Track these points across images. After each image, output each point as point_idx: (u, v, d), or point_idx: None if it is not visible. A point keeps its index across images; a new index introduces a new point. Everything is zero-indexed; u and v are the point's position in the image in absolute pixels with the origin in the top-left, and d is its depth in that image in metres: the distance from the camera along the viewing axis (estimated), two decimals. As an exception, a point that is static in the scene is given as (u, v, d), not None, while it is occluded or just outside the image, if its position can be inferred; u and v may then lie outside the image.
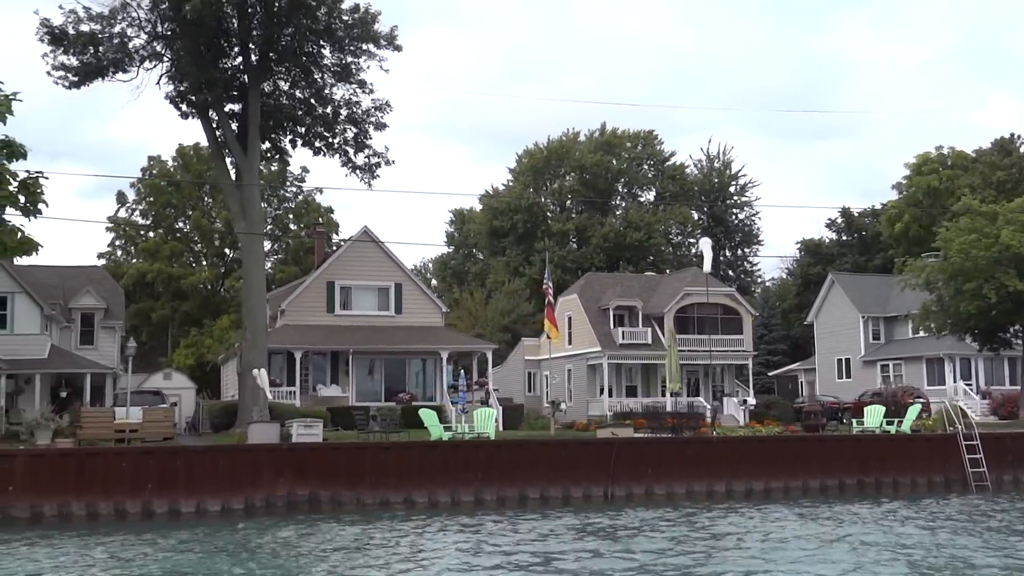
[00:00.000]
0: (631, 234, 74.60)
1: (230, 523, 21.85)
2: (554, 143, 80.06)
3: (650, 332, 50.72)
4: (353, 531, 20.28)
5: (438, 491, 24.16)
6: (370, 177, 44.06)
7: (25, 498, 21.91)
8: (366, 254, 49.15)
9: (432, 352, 47.39)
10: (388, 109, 43.54)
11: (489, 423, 26.51)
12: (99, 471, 22.35)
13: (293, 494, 23.59)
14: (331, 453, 24.26)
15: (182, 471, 22.79)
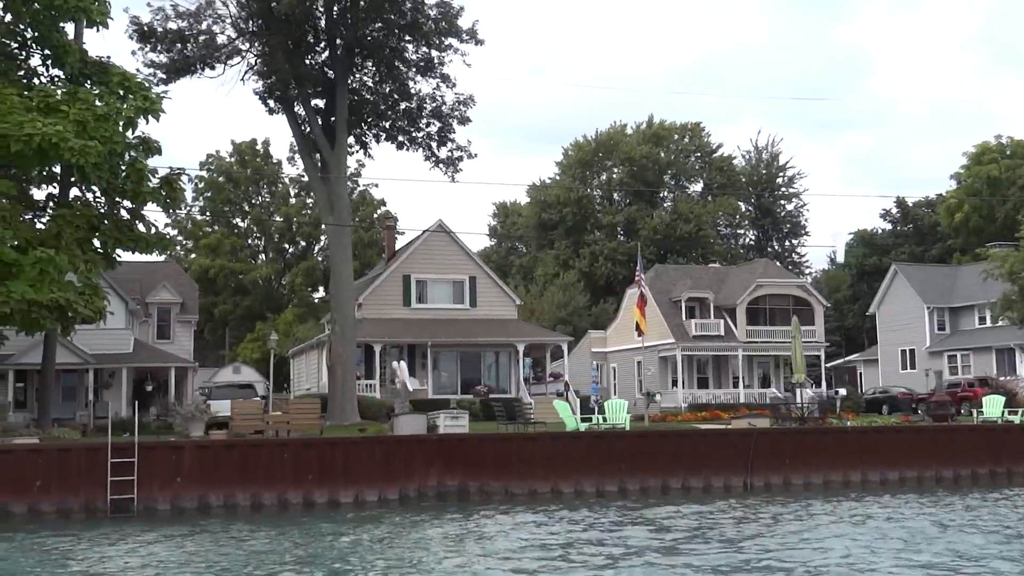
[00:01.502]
0: (681, 226, 74.74)
1: (388, 512, 22.23)
2: (602, 135, 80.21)
3: (722, 324, 50.95)
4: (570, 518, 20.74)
5: (584, 481, 24.48)
6: (453, 171, 44.46)
7: (193, 489, 22.31)
8: (441, 248, 49.49)
9: (508, 344, 47.75)
10: (471, 103, 43.96)
11: (622, 414, 26.81)
12: (262, 462, 22.72)
13: (443, 484, 23.91)
14: (478, 444, 24.57)
15: (340, 462, 23.14)
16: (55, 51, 25.19)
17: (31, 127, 21.58)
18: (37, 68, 25.95)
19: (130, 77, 24.42)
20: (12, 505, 21.39)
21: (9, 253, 21.99)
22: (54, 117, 22.42)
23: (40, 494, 21.53)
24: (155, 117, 24.21)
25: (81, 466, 21.82)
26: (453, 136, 43.89)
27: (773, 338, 50.85)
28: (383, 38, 41.92)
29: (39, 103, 23.01)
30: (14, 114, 21.73)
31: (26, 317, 22.40)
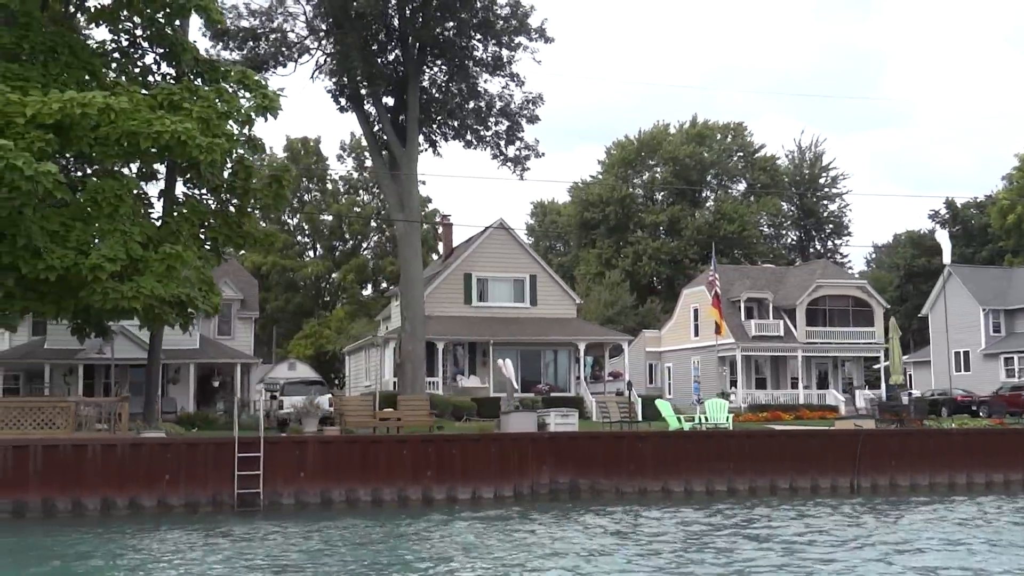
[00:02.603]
0: (724, 226, 74.70)
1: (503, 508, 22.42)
2: (645, 135, 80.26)
3: (781, 324, 50.94)
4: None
5: (693, 480, 24.59)
6: (521, 169, 44.67)
7: (316, 484, 22.52)
8: (501, 246, 49.62)
9: (569, 343, 47.87)
10: (540, 102, 44.13)
11: (723, 413, 26.92)
12: (382, 458, 22.91)
13: (554, 482, 24.06)
14: (589, 442, 24.70)
15: (458, 459, 23.32)
16: (171, 49, 25.44)
17: (160, 124, 21.83)
18: (150, 66, 26.20)
19: (249, 75, 24.66)
20: (142, 498, 21.66)
21: (137, 249, 22.24)
22: (179, 115, 22.67)
23: (169, 488, 21.79)
24: (273, 115, 24.44)
25: (208, 460, 22.05)
26: (521, 135, 44.26)
27: (832, 339, 50.85)
28: (455, 36, 42.18)
29: (163, 100, 23.27)
30: (141, 112, 21.98)
31: (150, 312, 22.65)
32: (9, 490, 20.94)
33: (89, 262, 21.36)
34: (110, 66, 25.28)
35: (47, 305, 22.31)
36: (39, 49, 23.41)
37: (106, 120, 21.46)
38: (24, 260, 21.35)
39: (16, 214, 20.82)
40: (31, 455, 21.12)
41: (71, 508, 21.24)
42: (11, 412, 21.73)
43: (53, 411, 21.91)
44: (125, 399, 23.44)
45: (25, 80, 22.45)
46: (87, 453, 21.43)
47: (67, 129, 21.67)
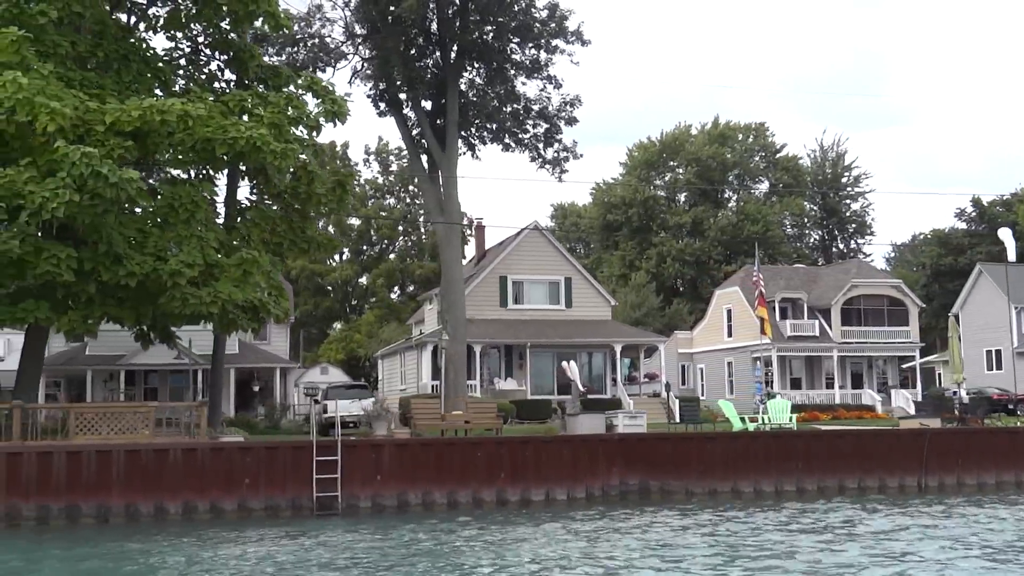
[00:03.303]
0: (748, 226, 74.75)
1: (577, 510, 22.50)
2: (667, 136, 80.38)
3: (816, 324, 51.00)
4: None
5: (763, 480, 24.69)
6: (559, 171, 44.82)
7: (392, 486, 22.63)
8: (536, 249, 49.80)
9: (605, 345, 47.97)
10: (578, 104, 44.27)
11: (785, 413, 27.01)
12: (456, 461, 23.03)
13: (624, 483, 24.16)
14: (658, 443, 24.79)
15: (531, 460, 23.43)
16: (236, 55, 25.60)
17: (235, 131, 21.99)
18: (215, 73, 26.36)
19: (316, 80, 24.82)
20: (223, 502, 21.79)
21: (212, 254, 22.40)
22: (251, 121, 22.83)
23: (249, 491, 21.92)
24: (341, 120, 24.59)
25: (287, 464, 22.17)
26: (560, 137, 44.39)
27: (867, 338, 50.91)
28: (493, 40, 42.33)
29: (235, 107, 23.43)
30: (215, 118, 22.13)
31: (224, 317, 22.79)
32: (93, 495, 21.09)
33: (168, 268, 21.51)
34: (177, 73, 25.45)
35: (126, 311, 22.46)
36: (112, 57, 23.59)
37: (181, 127, 21.63)
38: (105, 266, 21.52)
39: (98, 221, 20.98)
40: (114, 460, 21.27)
41: (153, 512, 21.39)
42: (92, 418, 21.86)
43: (134, 416, 22.04)
44: (203, 404, 23.58)
45: (100, 88, 22.63)
46: (168, 457, 21.57)
47: (143, 136, 21.84)
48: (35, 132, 20.59)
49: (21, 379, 24.89)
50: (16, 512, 20.77)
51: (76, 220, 20.59)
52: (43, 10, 21.42)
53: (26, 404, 21.79)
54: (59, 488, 20.98)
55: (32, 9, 21.35)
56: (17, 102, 20.05)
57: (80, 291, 21.60)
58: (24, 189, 20.06)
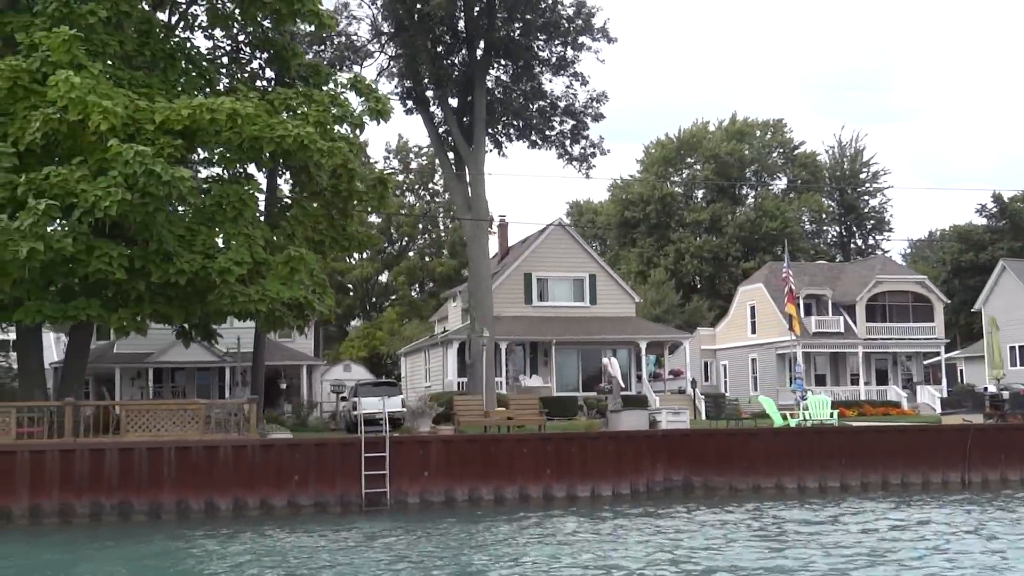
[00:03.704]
0: (766, 223, 74.65)
1: (619, 507, 22.56)
2: (685, 133, 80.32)
3: (841, 320, 50.91)
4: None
5: (806, 477, 24.71)
6: (587, 167, 44.84)
7: (440, 483, 22.71)
8: (561, 246, 49.80)
9: (630, 342, 47.96)
10: (604, 100, 44.27)
11: (826, 410, 27.02)
12: (503, 457, 23.09)
13: (668, 479, 24.21)
14: (701, 440, 24.84)
15: (577, 457, 23.48)
16: (278, 54, 25.67)
17: (282, 129, 22.05)
18: (256, 71, 26.44)
19: (360, 79, 24.87)
20: (273, 499, 21.87)
21: (260, 252, 22.47)
22: (297, 119, 22.90)
23: (298, 488, 22.00)
24: (384, 119, 24.65)
25: (336, 461, 22.26)
26: (587, 133, 44.39)
27: (892, 335, 50.79)
28: (520, 37, 42.33)
29: (279, 105, 23.50)
30: (261, 117, 22.19)
31: (270, 315, 22.87)
32: (145, 492, 21.21)
33: (217, 266, 21.60)
34: (220, 72, 25.52)
35: (174, 309, 22.56)
36: (159, 56, 23.68)
37: (229, 125, 21.69)
38: (155, 264, 21.62)
39: (148, 219, 21.07)
40: (165, 457, 21.38)
41: (204, 509, 21.49)
42: (143, 415, 21.97)
43: (184, 413, 22.14)
44: (253, 401, 23.66)
45: (147, 87, 22.72)
46: (219, 454, 21.67)
47: (191, 134, 21.92)
48: (87, 131, 20.68)
49: (66, 376, 25.05)
50: (70, 510, 20.90)
51: (128, 218, 20.68)
52: (92, 9, 21.51)
53: (77, 402, 21.90)
54: (111, 485, 21.10)
55: (82, 9, 21.43)
56: (70, 101, 20.15)
57: (130, 289, 21.70)
58: (76, 188, 20.17)
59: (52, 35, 20.76)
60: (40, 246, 19.64)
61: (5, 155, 20.72)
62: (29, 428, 21.45)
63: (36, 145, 20.95)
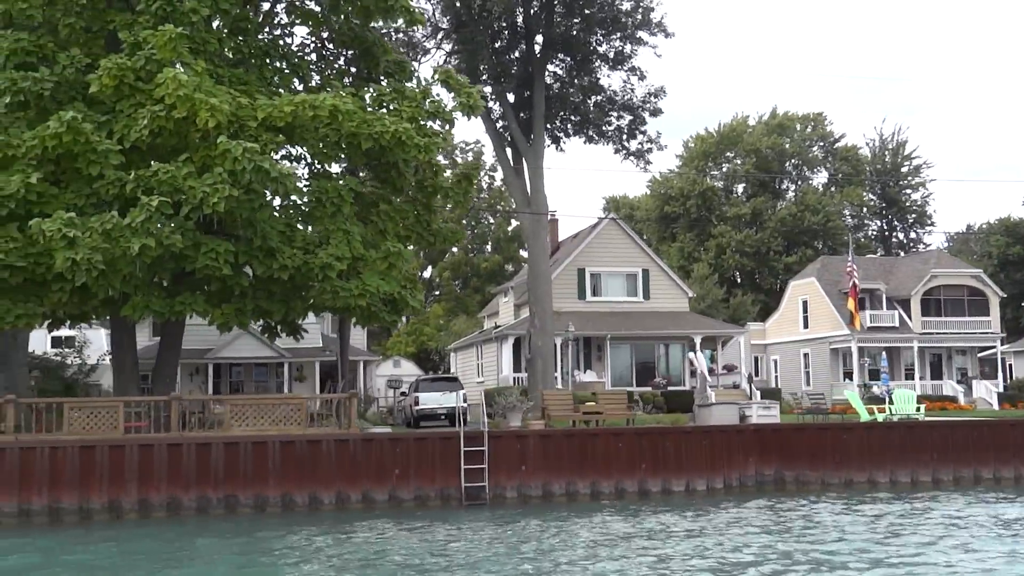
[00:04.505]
0: (808, 217, 74.30)
1: (714, 501, 22.58)
2: (725, 128, 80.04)
3: (896, 315, 50.64)
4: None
5: (898, 471, 24.65)
6: (644, 163, 44.82)
7: (537, 477, 22.80)
8: (614, 241, 49.76)
9: (684, 337, 47.87)
10: (662, 95, 44.20)
11: (911, 404, 26.94)
12: (599, 451, 23.16)
13: (760, 473, 24.22)
14: (793, 434, 24.81)
15: (671, 451, 23.51)
16: (368, 50, 25.78)
17: (380, 125, 22.16)
18: (344, 68, 26.57)
19: (452, 75, 24.94)
20: (374, 492, 22.04)
21: (359, 247, 22.60)
22: (392, 115, 22.99)
23: (399, 482, 22.15)
24: (476, 113, 24.72)
25: (435, 455, 22.39)
26: (644, 128, 44.36)
27: (947, 329, 50.50)
28: (579, 32, 42.32)
29: (373, 102, 23.61)
30: (357, 113, 22.30)
31: (366, 310, 22.99)
32: (251, 485, 21.41)
33: (318, 261, 21.75)
34: (311, 69, 25.66)
35: (275, 304, 22.73)
36: (255, 54, 23.84)
37: (326, 122, 21.79)
38: (258, 260, 21.79)
39: (253, 215, 21.24)
40: (269, 451, 21.58)
41: (308, 503, 21.68)
42: (247, 409, 22.18)
43: (287, 408, 22.32)
44: (353, 395, 23.81)
45: (245, 84, 22.88)
46: (322, 448, 21.85)
47: (290, 131, 22.06)
48: (192, 128, 20.86)
49: (159, 370, 25.31)
50: (177, 503, 21.14)
51: (234, 215, 20.85)
52: (195, 7, 21.68)
53: (184, 396, 22.11)
54: (218, 479, 21.32)
55: (184, 6, 21.60)
56: (177, 99, 20.31)
57: (233, 285, 21.89)
58: (184, 184, 20.35)
59: (158, 33, 20.94)
60: (151, 242, 19.84)
61: (112, 153, 20.92)
62: (137, 423, 21.69)
63: (142, 143, 21.15)
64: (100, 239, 19.75)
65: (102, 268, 19.70)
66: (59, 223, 19.59)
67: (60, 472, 20.65)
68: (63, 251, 19.46)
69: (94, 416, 21.22)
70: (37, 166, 20.89)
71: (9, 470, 20.48)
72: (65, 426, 21.07)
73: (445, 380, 45.03)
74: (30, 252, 20.67)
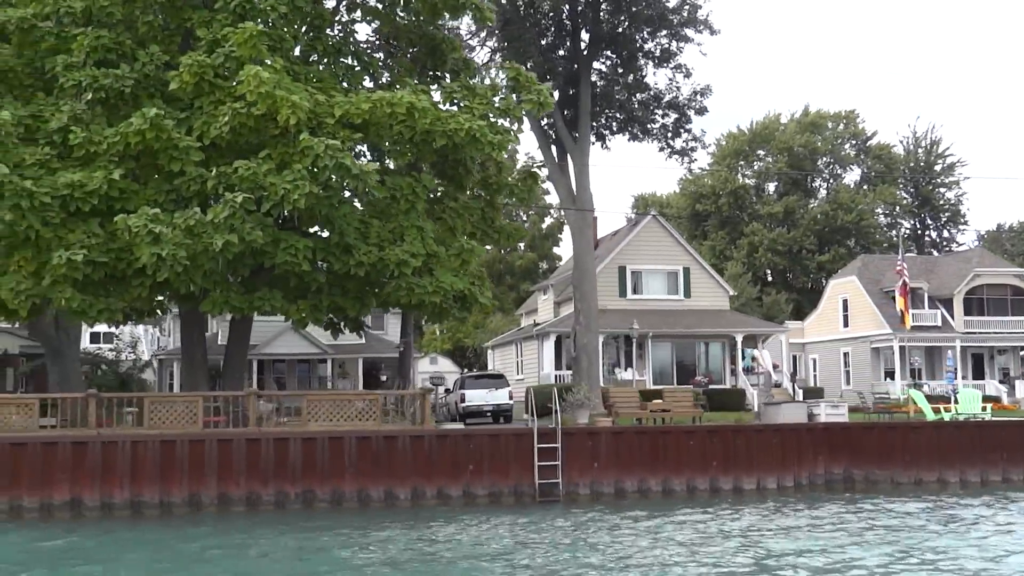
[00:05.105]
0: (841, 215, 74.01)
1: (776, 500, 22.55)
2: (757, 126, 79.81)
3: (939, 314, 50.37)
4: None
5: (968, 471, 24.57)
6: (689, 161, 44.73)
7: (609, 474, 22.84)
8: (654, 238, 49.71)
9: (724, 335, 47.80)
10: (708, 93, 44.06)
11: (977, 404, 26.83)
12: (670, 449, 23.17)
13: (829, 472, 24.19)
14: (862, 433, 24.77)
15: (742, 449, 23.51)
16: (437, 47, 25.85)
17: (454, 122, 22.22)
18: (412, 65, 26.59)
19: (522, 73, 24.96)
20: (449, 488, 22.11)
21: (432, 244, 22.68)
22: (463, 113, 23.05)
23: (473, 478, 22.22)
24: (546, 110, 24.75)
25: (509, 451, 22.45)
26: (689, 127, 44.22)
27: (990, 328, 50.20)
28: (627, 30, 42.23)
29: (444, 99, 23.67)
30: (431, 111, 22.35)
31: (438, 307, 23.06)
32: (328, 480, 21.52)
33: (394, 257, 21.83)
34: (380, 66, 25.75)
35: (349, 300, 22.84)
36: (329, 51, 23.95)
37: (400, 119, 21.84)
38: (335, 256, 21.90)
39: (332, 212, 21.34)
40: (345, 447, 21.68)
41: (384, 498, 21.77)
42: (323, 405, 22.30)
43: (362, 403, 22.43)
44: (427, 392, 23.91)
45: (320, 81, 22.99)
46: (397, 444, 21.94)
47: (365, 128, 22.14)
48: (271, 125, 20.97)
49: (228, 365, 25.47)
50: (256, 498, 21.28)
51: (314, 211, 20.97)
52: (272, 4, 21.78)
53: (260, 391, 22.25)
54: (295, 474, 21.45)
55: (263, 3, 21.71)
56: (259, 96, 20.43)
57: (310, 281, 22.01)
58: (265, 181, 20.47)
59: (238, 31, 21.06)
60: (234, 239, 19.97)
61: (193, 150, 21.06)
62: (215, 418, 21.85)
63: (221, 139, 21.29)
64: (183, 235, 19.89)
65: (186, 264, 19.84)
66: (144, 219, 19.75)
67: (141, 466, 20.83)
68: (148, 247, 19.62)
69: (173, 411, 21.39)
70: (119, 162, 21.05)
71: (92, 464, 20.68)
72: (145, 420, 21.23)
73: (491, 377, 45.03)
74: (111, 247, 20.86)
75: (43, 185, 20.40)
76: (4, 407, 21.52)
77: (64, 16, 22.18)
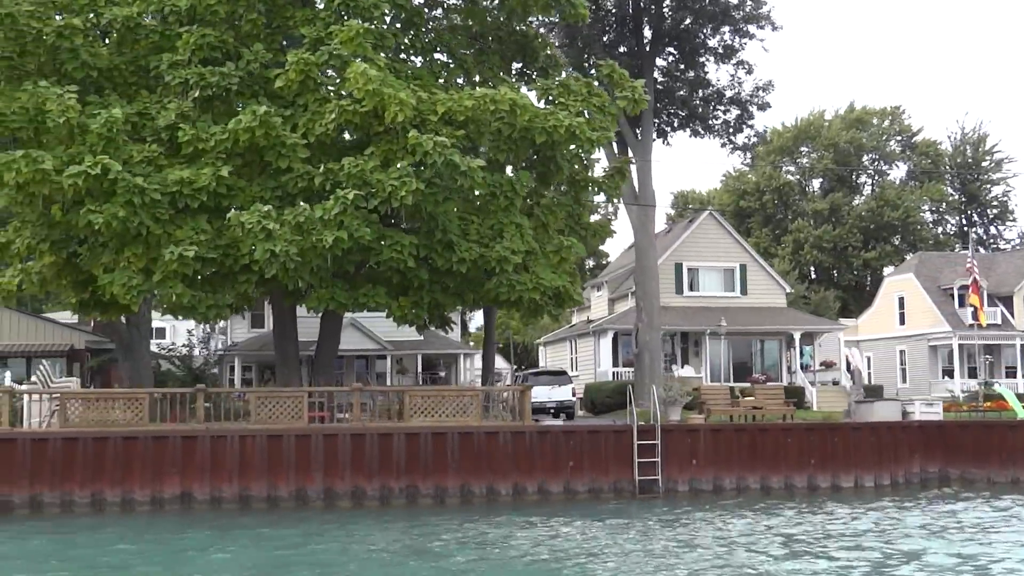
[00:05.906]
0: (888, 212, 73.46)
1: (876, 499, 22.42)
2: (802, 122, 79.35)
3: (998, 312, 49.92)
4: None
5: (1065, 470, 24.39)
6: (750, 157, 44.59)
7: (708, 471, 22.86)
8: (711, 235, 49.54)
9: (782, 332, 47.59)
10: (771, 88, 43.90)
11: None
12: (768, 446, 23.16)
13: (924, 471, 24.10)
14: (958, 431, 24.66)
15: (840, 447, 23.46)
16: (528, 44, 25.90)
17: (554, 119, 22.26)
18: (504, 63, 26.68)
19: (618, 70, 24.97)
20: (549, 484, 22.18)
21: (531, 240, 22.74)
22: (561, 110, 23.09)
23: (573, 474, 22.28)
24: (642, 108, 24.76)
25: (608, 447, 22.50)
26: (752, 123, 44.12)
27: (1048, 326, 49.74)
28: (690, 26, 42.13)
29: (540, 97, 23.71)
30: (530, 108, 22.40)
31: (535, 303, 23.11)
32: (431, 476, 21.64)
33: (495, 254, 21.91)
34: (472, 64, 25.83)
35: (450, 297, 22.96)
36: (426, 49, 24.06)
37: (500, 116, 21.90)
38: (438, 253, 22.01)
39: (436, 208, 21.44)
40: (448, 442, 21.79)
41: (486, 494, 21.86)
42: (426, 400, 22.42)
43: (463, 399, 22.53)
44: (527, 388, 24.00)
45: (420, 78, 23.09)
46: (498, 440, 22.03)
47: (466, 125, 22.20)
48: (377, 122, 21.09)
49: (320, 360, 25.65)
50: (361, 492, 21.42)
51: (419, 208, 21.07)
52: (376, 2, 21.89)
53: (367, 387, 22.41)
54: (399, 469, 21.57)
55: (366, 1, 21.82)
56: (366, 93, 20.54)
57: (413, 277, 22.12)
58: (372, 178, 20.59)
59: (343, 29, 21.19)
60: (343, 235, 20.10)
61: (300, 147, 21.22)
62: (320, 412, 22.02)
63: (327, 136, 21.43)
64: (292, 231, 20.05)
65: (298, 260, 20.00)
66: (257, 215, 19.92)
67: (249, 461, 21.02)
68: (262, 243, 19.79)
69: (279, 406, 21.57)
70: (227, 159, 21.25)
71: (201, 459, 20.90)
72: (252, 415, 21.43)
73: (554, 374, 45.09)
74: (219, 244, 21.05)
75: (153, 182, 20.62)
76: (111, 401, 21.78)
77: (169, 15, 22.40)
